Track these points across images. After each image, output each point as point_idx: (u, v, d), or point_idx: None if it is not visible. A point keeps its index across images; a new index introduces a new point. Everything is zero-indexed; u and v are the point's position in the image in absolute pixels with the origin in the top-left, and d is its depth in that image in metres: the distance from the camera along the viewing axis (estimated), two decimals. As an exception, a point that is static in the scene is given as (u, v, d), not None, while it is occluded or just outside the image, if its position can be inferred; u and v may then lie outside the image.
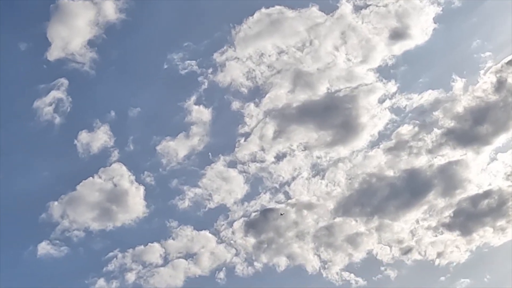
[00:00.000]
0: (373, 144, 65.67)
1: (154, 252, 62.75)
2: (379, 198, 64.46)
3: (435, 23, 65.91)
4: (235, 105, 66.53)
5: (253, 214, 64.61)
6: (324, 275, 63.19)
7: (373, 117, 65.96)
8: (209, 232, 64.03)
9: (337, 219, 64.33)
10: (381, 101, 66.20)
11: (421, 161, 64.66)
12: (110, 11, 65.43)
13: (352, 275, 63.30)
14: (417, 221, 64.02)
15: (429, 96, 66.03)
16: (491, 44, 66.95)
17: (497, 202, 62.68)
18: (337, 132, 65.59)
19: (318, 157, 65.73)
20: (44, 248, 61.61)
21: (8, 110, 65.93)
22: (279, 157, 65.72)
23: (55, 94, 64.75)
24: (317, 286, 64.03)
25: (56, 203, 62.74)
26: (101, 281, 61.38)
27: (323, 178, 65.52)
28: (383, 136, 65.88)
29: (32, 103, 64.64)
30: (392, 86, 66.37)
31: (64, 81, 65.04)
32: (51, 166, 65.59)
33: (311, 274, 63.20)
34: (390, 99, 66.34)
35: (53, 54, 65.04)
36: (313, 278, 63.32)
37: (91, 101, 67.86)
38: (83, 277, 61.91)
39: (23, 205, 63.35)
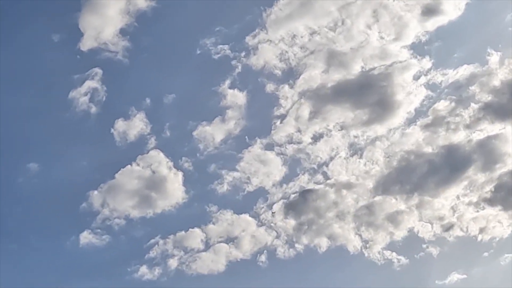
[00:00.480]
0: (410, 121, 65.32)
1: (195, 237, 62.94)
2: (418, 175, 64.07)
3: (467, -3, 65.32)
4: (270, 87, 66.47)
5: (292, 196, 64.63)
6: (366, 254, 63.09)
7: (409, 94, 65.50)
8: (249, 216, 64.11)
9: (377, 198, 64.08)
10: (416, 77, 65.78)
11: (459, 137, 64.13)
12: (141, -1, 65.57)
13: (394, 253, 63.13)
14: (458, 197, 63.50)
15: (464, 71, 65.45)
16: (525, 16, 66.21)
17: (538, 175, 62.13)
18: (373, 110, 65.30)
19: (355, 136, 65.54)
20: (86, 237, 61.94)
21: (44, 101, 66.58)
22: (316, 138, 65.63)
23: (89, 84, 65.00)
24: (359, 266, 64.06)
25: (95, 192, 63.11)
26: (144, 268, 61.67)
27: (361, 157, 65.34)
28: (419, 113, 65.50)
29: (67, 93, 64.86)
30: (426, 63, 65.85)
31: (98, 71, 65.26)
32: (89, 156, 65.95)
33: (352, 254, 63.15)
34: (425, 75, 65.86)
35: (86, 44, 65.25)
36: (355, 258, 63.29)
37: (126, 89, 67.99)
38: (126, 265, 62.31)
39: (63, 196, 63.87)
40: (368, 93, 65.46)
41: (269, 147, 65.58)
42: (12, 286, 59.07)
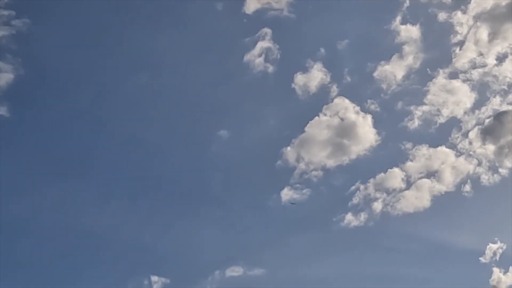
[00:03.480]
0: None
1: (395, 177, 62.09)
2: None
3: None
4: (442, 16, 65.14)
5: (487, 120, 63.01)
6: None
7: None
8: (446, 147, 62.92)
9: None
10: None
11: None
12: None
13: None
14: None
15: None
16: None
17: None
18: (555, 20, 62.66)
19: (542, 50, 63.06)
20: (287, 194, 62.00)
21: (222, 70, 67.57)
22: (500, 58, 63.74)
23: (262, 44, 65.34)
24: None
25: (288, 148, 63.29)
26: (349, 216, 61.14)
27: (553, 69, 62.85)
28: None
29: (242, 57, 65.58)
30: None
31: (267, 30, 65.52)
32: (276, 114, 66.59)
33: (562, 169, 60.67)
34: None
35: (250, 7, 65.51)
36: None
37: (298, 43, 68.06)
38: (331, 215, 62.05)
39: (258, 157, 64.51)
40: (547, 4, 62.96)
41: (453, 75, 64.50)
42: (223, 249, 60.58)
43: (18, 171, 59.83)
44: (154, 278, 56.86)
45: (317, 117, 63.51)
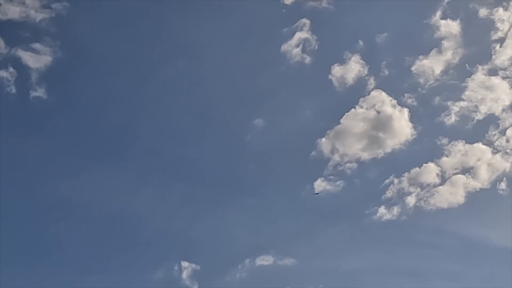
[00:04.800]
0: None
1: (430, 172, 61.79)
2: None
3: None
4: (483, 12, 64.72)
5: (525, 118, 62.41)
6: None
7: None
8: (482, 144, 62.54)
9: None
10: None
11: None
12: None
13: None
14: None
15: None
16: None
17: None
18: None
19: None
20: (320, 185, 61.95)
21: (259, 59, 67.41)
22: (541, 56, 63.07)
23: (299, 35, 65.36)
24: None
25: (323, 139, 63.25)
26: (382, 209, 61.00)
27: None
28: None
29: (279, 48, 65.66)
30: None
31: (305, 21, 65.43)
32: (311, 105, 66.44)
33: None
34: None
35: (288, -3, 65.56)
36: None
37: (336, 35, 68.18)
38: (364, 208, 61.93)
39: (292, 147, 64.64)
40: None
41: (492, 72, 64.08)
42: (255, 238, 60.49)
43: (54, 153, 60.39)
44: (185, 264, 57.27)
45: (353, 109, 63.65)
